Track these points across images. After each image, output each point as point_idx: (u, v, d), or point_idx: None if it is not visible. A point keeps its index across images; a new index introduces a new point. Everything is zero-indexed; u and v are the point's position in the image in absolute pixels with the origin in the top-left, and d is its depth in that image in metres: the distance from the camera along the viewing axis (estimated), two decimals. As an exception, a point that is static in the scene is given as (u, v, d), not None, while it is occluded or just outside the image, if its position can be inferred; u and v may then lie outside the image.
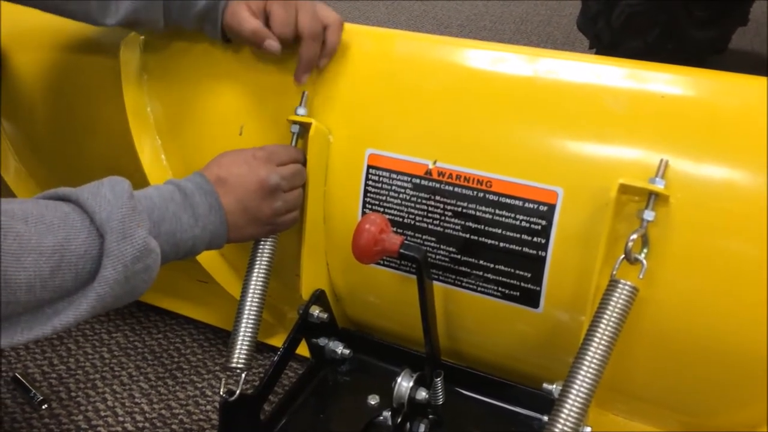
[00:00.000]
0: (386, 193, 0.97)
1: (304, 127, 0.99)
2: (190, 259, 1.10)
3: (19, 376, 1.16)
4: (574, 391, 0.74)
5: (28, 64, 1.25)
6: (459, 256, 0.94)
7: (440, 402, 0.93)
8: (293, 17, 0.95)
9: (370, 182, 0.98)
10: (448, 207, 0.93)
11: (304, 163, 0.98)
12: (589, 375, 0.75)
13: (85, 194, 0.72)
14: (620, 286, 0.78)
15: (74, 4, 0.99)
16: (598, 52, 2.48)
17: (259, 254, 0.95)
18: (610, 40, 2.40)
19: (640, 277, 0.80)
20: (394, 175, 0.96)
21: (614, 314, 0.77)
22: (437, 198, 0.94)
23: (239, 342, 0.91)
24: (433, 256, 0.96)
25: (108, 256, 0.70)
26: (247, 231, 0.91)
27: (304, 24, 0.95)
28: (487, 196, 0.91)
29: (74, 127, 1.24)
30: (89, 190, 0.73)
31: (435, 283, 0.95)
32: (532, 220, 0.88)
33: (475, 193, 0.91)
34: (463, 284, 0.95)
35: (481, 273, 0.93)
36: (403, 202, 0.96)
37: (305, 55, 0.97)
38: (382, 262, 0.99)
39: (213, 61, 1.07)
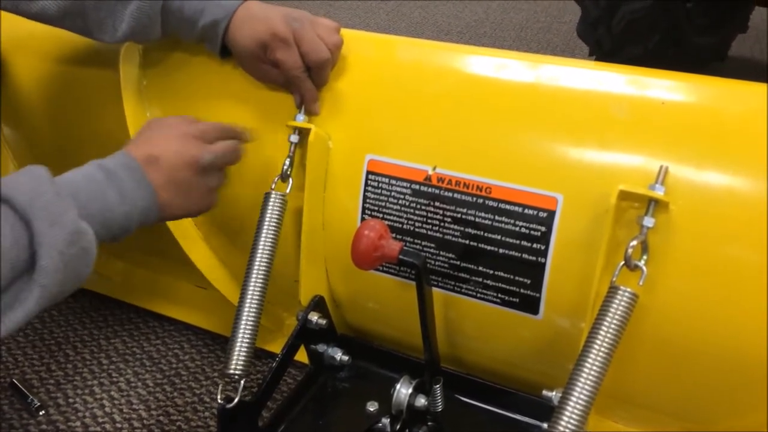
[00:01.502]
0: (386, 199, 0.97)
1: (304, 133, 0.99)
2: (190, 265, 1.10)
3: (16, 382, 1.16)
4: (573, 399, 0.74)
5: (28, 69, 1.25)
6: (458, 263, 0.94)
7: (439, 409, 0.93)
8: (298, 55, 0.96)
9: (369, 188, 0.98)
10: (448, 213, 0.93)
11: (240, 139, 0.97)
12: (588, 382, 0.74)
13: (2, 186, 0.70)
14: (620, 292, 0.77)
15: (72, 22, 1.00)
16: (598, 59, 2.48)
17: (257, 260, 0.95)
18: (611, 46, 2.40)
19: (640, 283, 0.79)
20: (394, 181, 0.96)
21: (614, 321, 0.76)
22: (437, 204, 0.94)
23: (237, 348, 0.91)
24: (433, 262, 0.95)
25: (41, 245, 0.68)
26: (181, 209, 0.90)
27: (310, 57, 0.96)
28: (486, 202, 0.91)
29: (74, 134, 1.24)
30: (7, 181, 0.71)
31: (434, 289, 0.95)
32: (531, 226, 0.88)
33: (475, 199, 0.91)
34: (463, 290, 0.95)
35: (480, 279, 0.93)
36: (403, 208, 0.96)
37: (320, 84, 1.00)
38: (381, 268, 0.99)
39: (213, 69, 1.07)
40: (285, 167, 0.99)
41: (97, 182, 0.80)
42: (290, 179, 0.99)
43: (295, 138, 0.99)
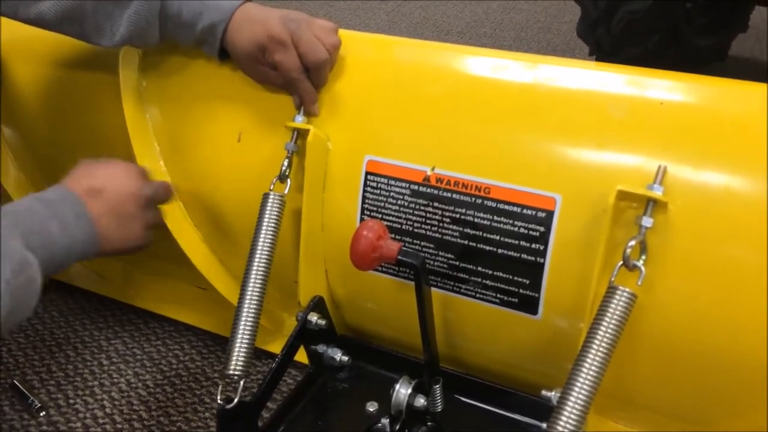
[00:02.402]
0: (384, 199, 0.97)
1: (302, 134, 0.99)
2: (189, 266, 1.10)
3: (17, 383, 1.16)
4: (572, 399, 0.74)
5: (29, 73, 1.25)
6: (457, 263, 0.94)
7: (439, 409, 0.93)
8: (296, 57, 0.96)
9: (368, 189, 0.98)
10: (447, 213, 0.93)
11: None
12: (587, 382, 0.74)
13: None
14: (618, 292, 0.77)
15: (70, 26, 1.00)
16: (598, 59, 2.48)
17: (256, 261, 0.95)
18: (610, 46, 2.40)
19: (639, 283, 0.79)
20: (393, 182, 0.96)
21: (613, 321, 0.76)
22: (435, 204, 0.94)
23: (236, 349, 0.91)
24: (432, 262, 0.96)
25: None
26: (120, 242, 0.90)
27: (309, 58, 0.96)
28: (485, 202, 0.91)
29: (74, 135, 1.24)
30: None
31: (434, 289, 0.95)
32: (530, 226, 0.88)
33: (474, 199, 0.91)
34: (462, 291, 0.95)
35: (479, 279, 0.93)
36: (402, 209, 0.96)
37: (319, 84, 1.00)
38: (380, 268, 0.99)
39: (212, 71, 1.07)
40: (283, 168, 0.99)
41: (38, 214, 0.80)
42: (288, 180, 0.99)
43: (292, 146, 0.99)
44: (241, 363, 0.91)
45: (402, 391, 0.90)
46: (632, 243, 0.80)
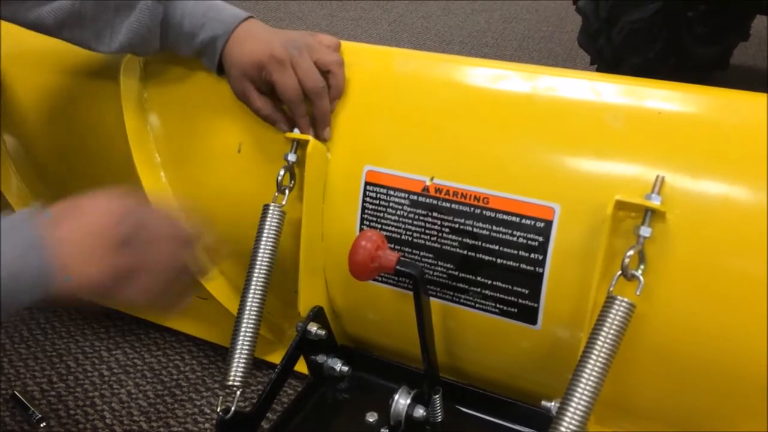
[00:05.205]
0: (384, 209, 0.97)
1: (302, 145, 0.99)
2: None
3: (17, 394, 1.16)
4: (571, 409, 0.74)
5: (30, 81, 1.26)
6: (456, 273, 0.94)
7: (439, 419, 0.93)
8: (295, 79, 0.95)
9: (367, 199, 0.98)
10: (446, 223, 0.93)
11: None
12: (586, 392, 0.74)
13: None
14: (617, 302, 0.77)
15: (69, 32, 0.99)
16: (599, 69, 2.48)
17: (256, 271, 0.95)
18: (612, 56, 2.40)
19: (638, 293, 0.79)
20: (392, 192, 0.96)
21: (611, 331, 0.76)
22: (434, 214, 0.94)
23: (236, 359, 0.91)
24: (431, 272, 0.96)
25: None
26: (85, 278, 0.71)
27: (306, 85, 0.96)
28: (484, 212, 0.91)
29: (75, 145, 1.25)
30: None
31: (433, 299, 0.95)
32: (529, 236, 0.88)
33: (473, 209, 0.91)
34: (461, 301, 0.95)
35: (478, 289, 0.93)
36: (401, 219, 0.96)
37: (318, 113, 0.98)
38: (380, 278, 0.99)
39: (214, 82, 1.07)
40: (280, 178, 0.99)
41: None
42: (287, 191, 0.99)
43: (293, 157, 0.99)
44: (241, 373, 0.91)
45: (401, 401, 0.90)
46: (631, 253, 0.80)
